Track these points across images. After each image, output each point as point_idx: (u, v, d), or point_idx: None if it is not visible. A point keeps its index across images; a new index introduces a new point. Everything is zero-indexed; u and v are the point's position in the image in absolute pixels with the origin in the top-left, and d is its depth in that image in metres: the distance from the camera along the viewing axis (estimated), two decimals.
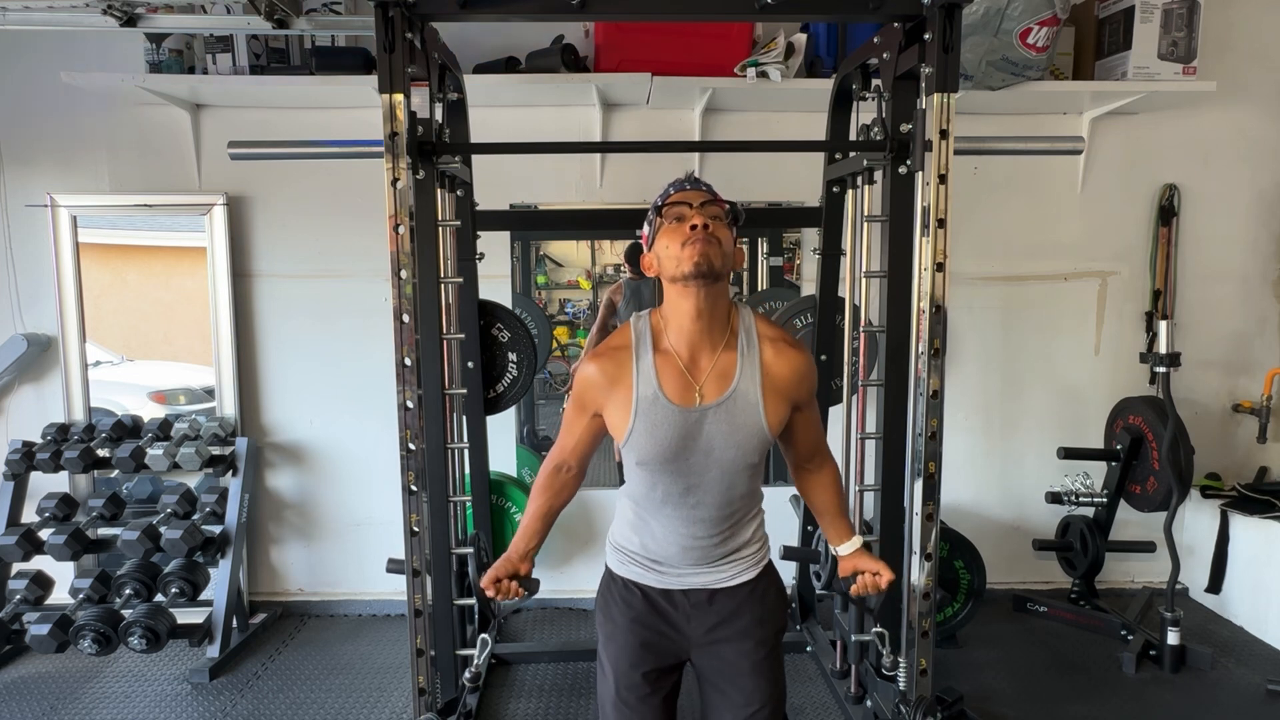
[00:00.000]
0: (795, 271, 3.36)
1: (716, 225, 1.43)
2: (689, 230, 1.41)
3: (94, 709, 2.64)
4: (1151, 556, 3.21)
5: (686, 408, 1.44)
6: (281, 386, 3.29)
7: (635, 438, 1.45)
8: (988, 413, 3.42)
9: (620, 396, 1.46)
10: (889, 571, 1.58)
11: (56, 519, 2.93)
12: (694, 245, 1.39)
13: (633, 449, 1.47)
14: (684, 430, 1.44)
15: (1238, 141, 3.31)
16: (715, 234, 1.41)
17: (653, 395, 1.44)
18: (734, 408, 1.44)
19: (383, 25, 1.79)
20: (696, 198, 1.46)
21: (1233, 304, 3.40)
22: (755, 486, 1.57)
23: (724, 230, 1.44)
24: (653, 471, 1.49)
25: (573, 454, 1.59)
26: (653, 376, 1.45)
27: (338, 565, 3.39)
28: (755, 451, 1.48)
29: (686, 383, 1.45)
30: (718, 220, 1.44)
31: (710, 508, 1.52)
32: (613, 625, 1.62)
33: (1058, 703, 2.63)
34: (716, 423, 1.44)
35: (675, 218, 1.44)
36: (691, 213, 1.43)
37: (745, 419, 1.45)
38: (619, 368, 1.47)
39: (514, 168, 3.17)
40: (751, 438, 1.46)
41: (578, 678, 2.82)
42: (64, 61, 2.97)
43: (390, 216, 1.84)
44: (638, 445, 1.46)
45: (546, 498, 1.63)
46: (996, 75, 2.85)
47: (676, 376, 1.45)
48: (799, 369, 1.49)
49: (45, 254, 3.13)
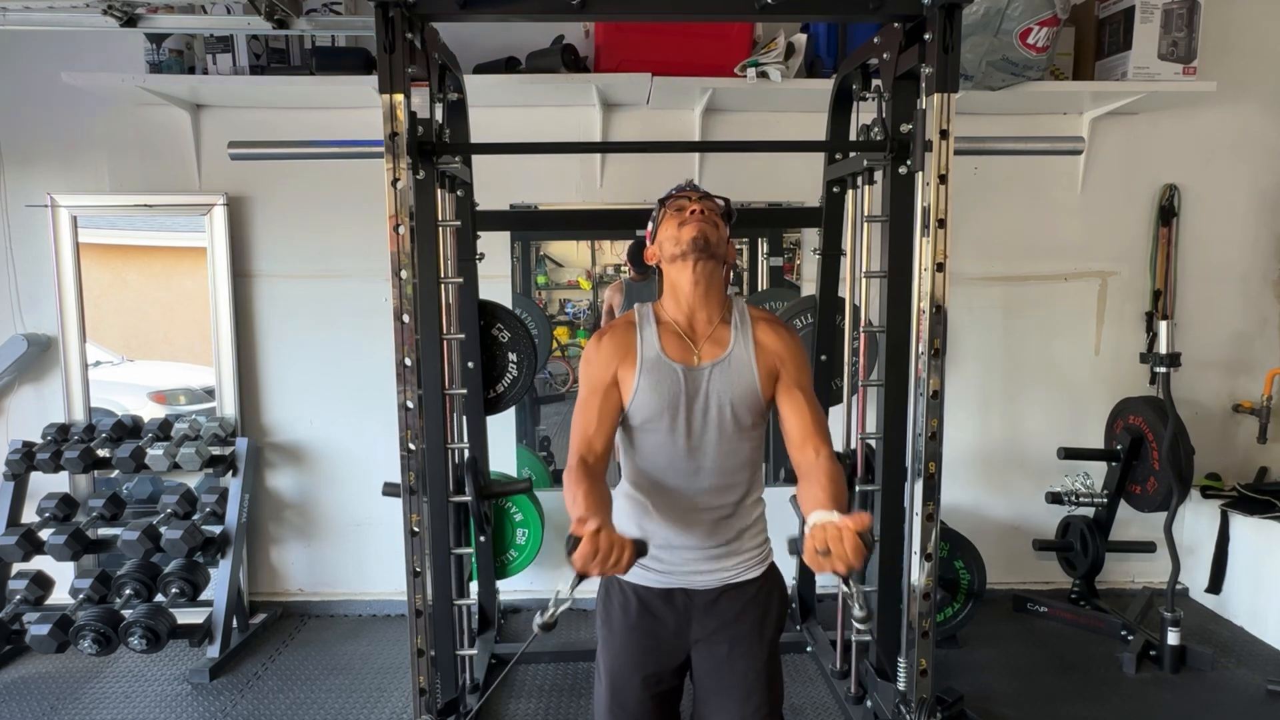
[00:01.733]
0: (795, 272, 3.36)
1: (712, 213, 1.59)
2: (687, 214, 1.57)
3: (94, 709, 2.64)
4: (1151, 556, 3.21)
5: (687, 365, 1.55)
6: (281, 386, 3.29)
7: (640, 395, 1.54)
8: (988, 413, 3.42)
9: (627, 361, 1.56)
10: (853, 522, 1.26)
11: (56, 519, 2.93)
12: (691, 224, 1.54)
13: (638, 409, 1.55)
14: (685, 387, 1.54)
15: (1238, 141, 3.31)
16: (711, 218, 1.57)
17: (655, 356, 1.56)
18: (729, 368, 1.55)
19: (383, 25, 1.79)
20: (695, 195, 1.62)
21: (1233, 304, 3.40)
22: (755, 458, 1.60)
23: (719, 219, 1.60)
24: (656, 433, 1.54)
25: (597, 436, 1.52)
26: (655, 341, 1.57)
27: (338, 565, 3.39)
28: (750, 412, 1.55)
29: (686, 346, 1.57)
30: (713, 211, 1.60)
31: (712, 475, 1.55)
32: (611, 629, 1.62)
33: (1058, 703, 2.63)
34: (714, 381, 1.54)
35: (675, 208, 1.60)
36: (690, 204, 1.59)
37: (740, 378, 1.55)
38: (624, 336, 1.59)
39: (514, 168, 3.17)
40: (746, 396, 1.55)
41: (578, 678, 2.82)
42: (64, 61, 2.97)
43: (390, 216, 1.84)
44: (643, 403, 1.54)
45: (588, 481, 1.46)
46: (997, 75, 2.85)
47: (677, 341, 1.58)
48: (788, 341, 1.60)
49: (45, 254, 3.13)
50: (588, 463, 1.51)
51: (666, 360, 1.55)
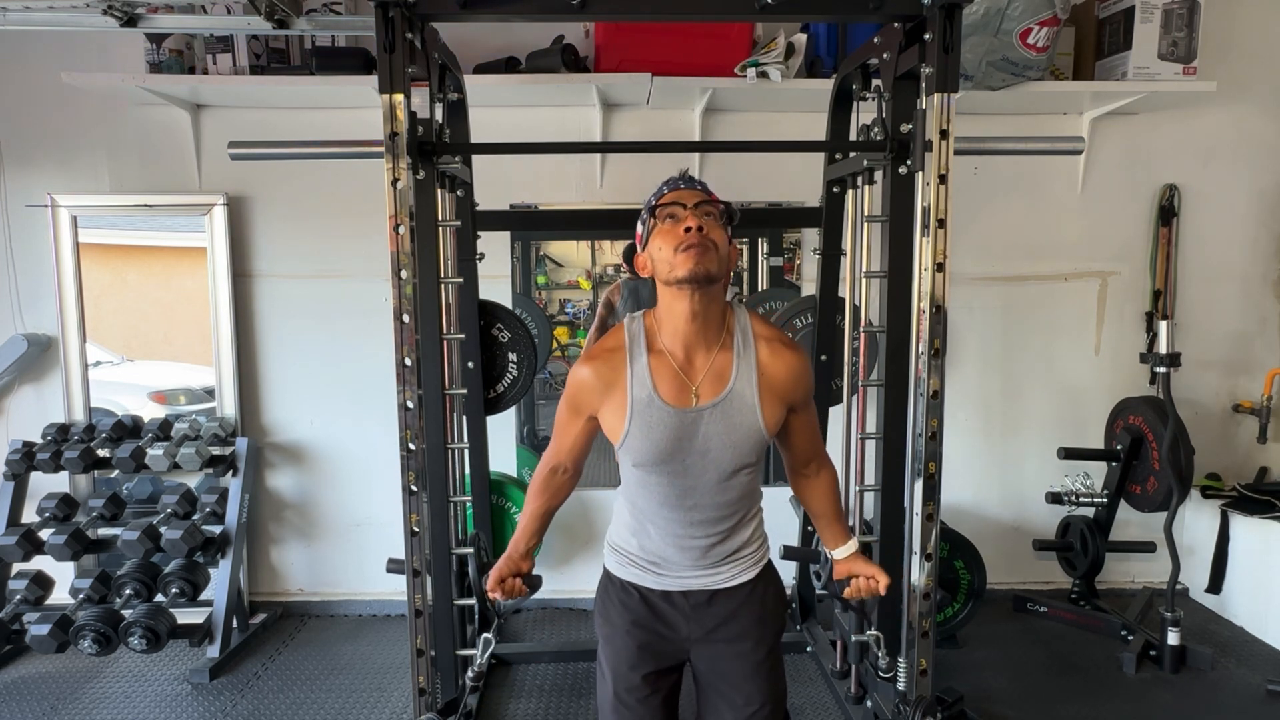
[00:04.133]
0: (795, 272, 3.36)
1: (710, 226, 1.39)
2: (683, 233, 1.37)
3: (94, 709, 2.64)
4: (1152, 557, 3.21)
5: (682, 409, 1.42)
6: (281, 386, 3.29)
7: (631, 440, 1.44)
8: (988, 413, 3.42)
9: (615, 399, 1.44)
10: (885, 576, 1.59)
11: (57, 519, 2.93)
12: (688, 252, 1.35)
13: (628, 452, 1.46)
14: (680, 432, 1.42)
15: (1238, 141, 3.31)
16: (710, 236, 1.38)
17: (648, 397, 1.42)
18: (730, 409, 1.43)
19: (383, 25, 1.79)
20: (691, 197, 1.42)
21: (1233, 304, 3.40)
22: (754, 487, 1.56)
23: (719, 231, 1.41)
24: (649, 473, 1.48)
25: (568, 456, 1.58)
26: (647, 378, 1.43)
27: (338, 565, 3.39)
28: (752, 452, 1.47)
29: (682, 384, 1.43)
30: (711, 220, 1.41)
31: (708, 510, 1.51)
32: (611, 628, 1.61)
33: (1058, 703, 2.63)
34: (713, 423, 1.43)
35: (669, 217, 1.41)
36: (685, 214, 1.40)
37: (741, 419, 1.43)
38: (614, 371, 1.45)
39: (514, 168, 3.17)
40: (748, 438, 1.44)
41: (578, 678, 2.82)
42: (64, 61, 2.97)
43: (390, 216, 1.84)
44: (633, 448, 1.45)
45: (544, 499, 1.64)
46: (997, 75, 2.85)
47: (672, 378, 1.43)
48: (795, 370, 1.47)
49: (45, 254, 3.13)
50: (556, 474, 1.62)
51: (660, 403, 1.41)
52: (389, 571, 2.20)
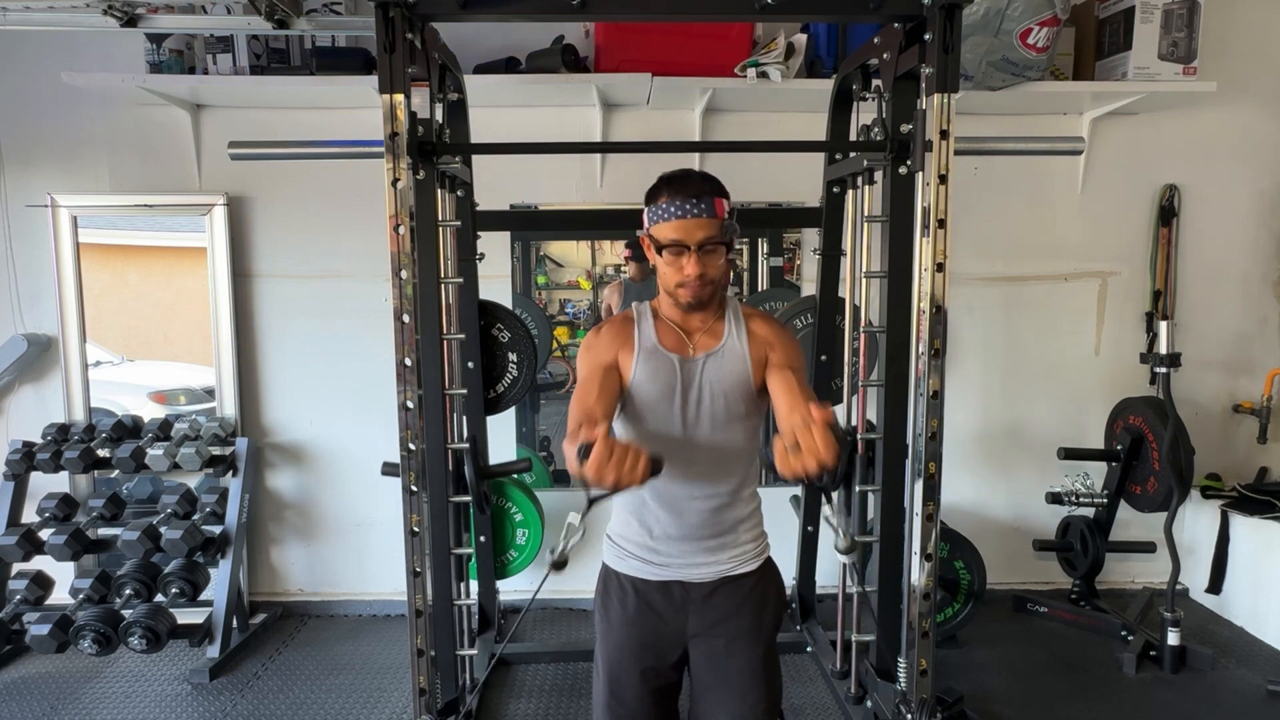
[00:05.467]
0: (795, 272, 3.36)
1: (710, 263, 1.52)
2: (683, 274, 1.52)
3: (94, 709, 2.64)
4: (1152, 557, 3.21)
5: (682, 356, 1.58)
6: (281, 386, 3.29)
7: (638, 382, 1.57)
8: (988, 413, 3.42)
9: (625, 348, 1.59)
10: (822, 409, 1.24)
11: (56, 519, 2.93)
12: (688, 289, 1.53)
13: (635, 395, 1.57)
14: (679, 376, 1.56)
15: (1238, 141, 3.31)
16: (709, 275, 1.52)
17: (652, 346, 1.59)
18: (722, 359, 1.58)
19: (383, 25, 1.79)
20: (695, 234, 1.49)
21: (1233, 304, 3.40)
22: (750, 448, 1.61)
23: (718, 263, 1.54)
24: (651, 421, 1.56)
25: (597, 405, 1.45)
26: (652, 333, 1.61)
27: (338, 565, 3.39)
28: (742, 400, 1.57)
29: (681, 339, 1.60)
30: (713, 256, 1.52)
31: (705, 462, 1.56)
32: (609, 624, 1.62)
33: (1058, 703, 2.63)
34: (707, 371, 1.57)
35: (670, 247, 1.52)
36: (688, 257, 1.50)
37: (732, 367, 1.57)
38: (623, 328, 1.62)
39: (514, 168, 3.17)
40: (738, 385, 1.57)
41: (578, 678, 2.82)
42: (64, 61, 2.97)
43: (390, 217, 1.84)
44: (640, 390, 1.57)
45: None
46: (997, 75, 2.85)
47: (673, 334, 1.61)
48: (779, 330, 1.63)
49: (45, 254, 3.13)
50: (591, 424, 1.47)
51: (662, 350, 1.58)
52: (384, 474, 2.18)
